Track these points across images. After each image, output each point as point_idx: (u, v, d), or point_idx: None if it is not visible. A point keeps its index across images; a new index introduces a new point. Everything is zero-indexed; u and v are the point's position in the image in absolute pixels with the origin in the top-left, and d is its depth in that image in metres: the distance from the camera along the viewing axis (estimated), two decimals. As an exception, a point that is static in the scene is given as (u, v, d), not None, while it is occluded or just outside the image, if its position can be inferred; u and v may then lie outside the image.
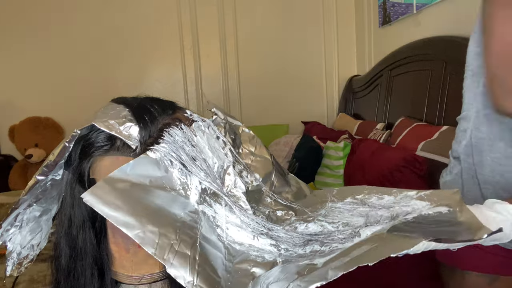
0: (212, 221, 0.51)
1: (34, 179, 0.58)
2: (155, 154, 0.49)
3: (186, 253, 0.45)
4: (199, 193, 0.51)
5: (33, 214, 0.64)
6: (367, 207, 0.56)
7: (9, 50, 3.08)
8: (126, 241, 0.57)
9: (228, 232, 0.51)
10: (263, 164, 0.63)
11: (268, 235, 0.52)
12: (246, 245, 0.51)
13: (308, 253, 0.49)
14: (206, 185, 0.52)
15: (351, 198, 0.59)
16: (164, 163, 0.50)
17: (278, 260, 0.49)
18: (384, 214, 0.52)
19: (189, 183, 0.51)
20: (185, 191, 0.50)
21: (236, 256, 0.50)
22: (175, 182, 0.50)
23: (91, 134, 0.55)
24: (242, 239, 0.51)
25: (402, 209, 0.52)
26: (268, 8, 3.33)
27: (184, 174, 0.51)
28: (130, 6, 3.17)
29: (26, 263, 0.66)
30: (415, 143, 1.93)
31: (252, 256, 0.50)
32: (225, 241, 0.50)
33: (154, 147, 0.50)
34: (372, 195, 0.58)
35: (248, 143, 0.64)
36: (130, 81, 3.20)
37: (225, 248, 0.50)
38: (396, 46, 2.54)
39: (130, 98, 0.60)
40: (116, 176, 0.46)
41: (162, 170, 0.49)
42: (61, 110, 3.11)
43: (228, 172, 0.56)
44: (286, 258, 0.49)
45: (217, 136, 0.58)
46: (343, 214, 0.56)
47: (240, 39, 3.33)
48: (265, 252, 0.51)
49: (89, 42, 3.13)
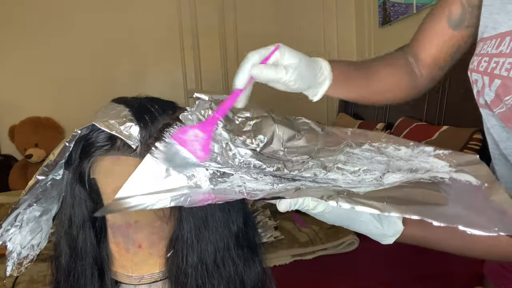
0: (229, 188, 0.51)
1: (34, 179, 0.58)
2: (154, 159, 0.49)
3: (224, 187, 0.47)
4: (209, 178, 0.50)
5: (33, 214, 0.64)
6: (384, 156, 0.55)
7: (9, 50, 3.07)
8: (126, 241, 0.57)
9: (246, 186, 0.50)
10: (263, 123, 0.61)
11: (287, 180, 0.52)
12: (267, 190, 0.50)
13: (331, 187, 0.49)
14: (214, 169, 0.51)
15: (368, 145, 0.58)
16: (164, 165, 0.50)
17: (302, 187, 0.49)
18: (404, 166, 0.51)
19: (195, 175, 0.50)
20: (195, 183, 0.50)
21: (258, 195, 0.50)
22: (182, 179, 0.50)
23: (91, 134, 0.55)
24: (262, 187, 0.51)
25: (421, 164, 0.51)
26: (268, 8, 3.33)
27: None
28: (130, 6, 3.17)
29: (26, 263, 0.66)
30: (415, 143, 1.92)
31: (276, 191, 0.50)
32: (245, 192, 0.50)
33: (151, 151, 0.50)
34: (389, 144, 0.57)
35: (242, 111, 0.62)
36: (130, 81, 3.20)
37: (247, 193, 0.50)
38: (396, 46, 2.52)
39: (131, 98, 0.60)
40: (123, 194, 0.46)
41: (164, 172, 0.49)
42: (61, 110, 3.10)
43: (230, 148, 0.55)
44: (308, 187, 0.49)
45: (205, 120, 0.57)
46: (362, 161, 0.55)
47: (240, 39, 3.33)
48: (287, 186, 0.50)
49: (89, 42, 3.12)
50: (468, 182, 0.46)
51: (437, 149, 0.53)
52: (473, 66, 0.69)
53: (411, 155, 0.54)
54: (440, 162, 0.51)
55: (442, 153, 0.52)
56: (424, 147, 0.54)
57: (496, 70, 0.63)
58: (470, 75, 0.70)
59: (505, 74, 0.62)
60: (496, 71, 0.63)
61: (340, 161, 0.55)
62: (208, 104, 0.58)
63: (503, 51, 0.63)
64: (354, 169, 0.54)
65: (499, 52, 0.64)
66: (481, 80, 0.66)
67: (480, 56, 0.67)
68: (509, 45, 0.62)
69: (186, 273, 0.56)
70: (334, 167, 0.54)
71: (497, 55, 0.64)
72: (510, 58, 0.61)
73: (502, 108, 0.63)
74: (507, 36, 0.63)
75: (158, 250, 0.58)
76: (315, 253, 1.48)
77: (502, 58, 0.63)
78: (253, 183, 0.51)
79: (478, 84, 0.67)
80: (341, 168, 0.54)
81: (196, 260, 0.57)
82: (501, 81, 0.62)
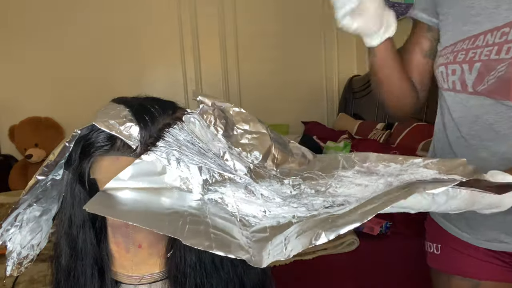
0: (221, 203, 0.51)
1: (34, 179, 0.58)
2: (150, 157, 0.49)
3: (198, 228, 0.45)
4: (201, 185, 0.51)
5: (33, 214, 0.64)
6: (375, 175, 0.55)
7: (9, 50, 3.07)
8: (126, 241, 0.57)
9: (239, 208, 0.51)
10: (260, 140, 0.62)
11: (279, 206, 0.52)
12: (259, 216, 0.51)
13: (322, 213, 0.49)
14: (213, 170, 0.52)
15: (358, 166, 0.58)
16: (161, 163, 0.50)
17: (293, 221, 0.49)
18: (394, 183, 0.52)
19: (190, 178, 0.51)
20: (186, 186, 0.50)
21: (250, 226, 0.50)
22: (175, 180, 0.50)
23: (91, 134, 0.55)
24: (254, 212, 0.51)
25: (410, 176, 0.52)
26: (268, 8, 3.33)
27: (184, 170, 0.51)
28: (130, 6, 3.17)
29: (26, 263, 0.66)
30: (415, 143, 1.93)
31: (268, 224, 0.50)
32: (238, 215, 0.50)
33: (148, 149, 0.50)
34: (378, 162, 0.58)
35: (242, 122, 0.63)
36: (130, 81, 3.20)
37: (239, 220, 0.50)
38: (396, 46, 2.53)
39: (131, 98, 0.60)
40: (113, 185, 0.47)
41: (159, 170, 0.49)
42: (61, 110, 3.10)
43: (226, 158, 0.56)
44: (300, 219, 0.49)
45: (207, 124, 0.57)
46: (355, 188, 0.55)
47: (240, 39, 3.33)
48: (280, 218, 0.50)
49: (89, 42, 3.12)
50: (452, 179, 0.47)
51: (426, 159, 0.54)
52: (448, 60, 0.82)
53: (401, 170, 0.55)
54: (429, 171, 0.52)
55: (431, 162, 0.53)
56: (413, 159, 0.55)
57: (475, 57, 0.77)
58: (444, 69, 0.83)
59: (485, 58, 0.75)
60: (475, 58, 0.77)
61: (331, 186, 0.56)
62: (211, 110, 0.59)
63: (479, 45, 0.77)
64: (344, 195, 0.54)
65: (475, 46, 0.78)
66: (459, 68, 0.80)
67: (455, 52, 0.81)
68: (484, 40, 0.76)
69: (184, 272, 0.56)
70: (326, 192, 0.55)
71: (473, 48, 0.78)
72: (487, 47, 0.76)
73: (484, 85, 0.76)
74: (481, 35, 0.77)
75: (158, 250, 0.58)
76: (315, 253, 1.48)
77: (479, 49, 0.77)
78: (245, 204, 0.51)
79: (456, 73, 0.80)
80: (331, 193, 0.55)
81: (194, 260, 0.57)
82: (481, 63, 0.76)
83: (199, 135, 0.55)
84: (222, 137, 0.57)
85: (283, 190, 0.56)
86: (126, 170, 0.47)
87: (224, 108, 0.62)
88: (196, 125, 0.55)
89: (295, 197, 0.54)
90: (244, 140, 0.61)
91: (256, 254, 0.44)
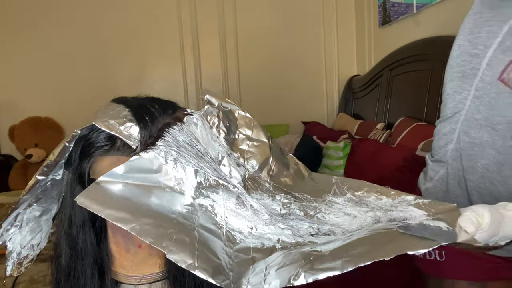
0: (211, 210, 0.51)
1: (34, 179, 0.58)
2: (148, 154, 0.50)
3: (185, 240, 0.45)
4: (194, 188, 0.51)
5: (33, 214, 0.64)
6: (364, 206, 0.56)
7: (9, 50, 3.07)
8: (126, 241, 0.57)
9: (227, 220, 0.51)
10: (260, 149, 0.62)
11: (266, 224, 0.52)
12: (245, 233, 0.51)
13: (307, 242, 0.50)
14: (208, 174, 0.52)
15: (350, 194, 0.59)
16: (159, 161, 0.50)
17: (277, 246, 0.50)
18: (382, 218, 0.52)
19: (184, 180, 0.51)
20: (180, 187, 0.51)
21: (235, 242, 0.50)
22: (170, 179, 0.50)
23: (91, 134, 0.55)
24: (241, 227, 0.52)
25: (399, 214, 0.52)
26: (268, 8, 3.33)
27: (179, 171, 0.51)
28: (130, 6, 3.17)
29: (26, 263, 0.66)
30: (415, 143, 1.93)
31: (252, 244, 0.50)
32: (224, 228, 0.51)
33: (147, 147, 0.51)
34: (371, 193, 0.58)
35: (245, 127, 0.63)
36: (130, 81, 3.20)
37: (224, 235, 0.50)
38: (396, 46, 2.54)
39: (131, 98, 0.60)
40: (107, 178, 0.47)
41: (155, 168, 0.50)
42: (61, 110, 3.10)
43: (223, 163, 0.56)
44: (284, 245, 0.50)
45: (210, 126, 0.57)
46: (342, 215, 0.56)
47: (240, 39, 3.33)
48: (264, 239, 0.51)
49: (89, 42, 3.12)
50: (438, 227, 0.46)
51: (418, 198, 0.54)
52: None
53: (391, 205, 0.55)
54: (418, 212, 0.52)
55: (422, 202, 0.53)
56: (405, 196, 0.55)
57: None
58: None
59: None
60: None
61: (321, 211, 0.56)
62: (216, 112, 0.59)
63: None
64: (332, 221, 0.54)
65: None
66: None
67: None
68: None
69: (184, 272, 0.56)
70: (315, 216, 0.55)
71: None
72: None
73: None
74: None
75: (158, 250, 0.58)
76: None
77: None
78: (233, 217, 0.52)
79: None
80: (319, 219, 0.55)
81: None
82: None
83: (199, 137, 0.55)
84: (223, 140, 0.57)
85: (273, 206, 0.56)
86: (122, 164, 0.48)
87: (230, 110, 0.62)
88: (198, 126, 0.55)
89: (283, 217, 0.54)
90: (244, 146, 0.61)
91: (236, 281, 0.45)
